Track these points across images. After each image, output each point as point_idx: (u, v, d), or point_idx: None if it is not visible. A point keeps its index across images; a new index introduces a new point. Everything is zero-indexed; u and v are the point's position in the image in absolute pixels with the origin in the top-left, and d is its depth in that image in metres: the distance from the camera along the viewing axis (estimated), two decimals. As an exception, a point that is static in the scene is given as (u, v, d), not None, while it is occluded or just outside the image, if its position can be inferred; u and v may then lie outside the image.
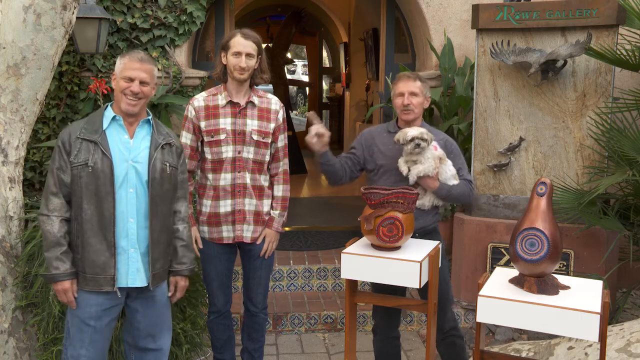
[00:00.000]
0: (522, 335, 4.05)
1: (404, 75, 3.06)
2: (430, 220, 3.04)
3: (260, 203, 3.12)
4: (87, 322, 2.56)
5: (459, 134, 4.58)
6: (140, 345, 2.74)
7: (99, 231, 2.52)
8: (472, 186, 3.07)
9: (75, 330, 2.58)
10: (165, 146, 2.65)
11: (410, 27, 5.23)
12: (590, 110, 3.97)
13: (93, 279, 2.53)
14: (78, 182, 2.51)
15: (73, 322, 2.59)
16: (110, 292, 2.56)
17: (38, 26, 3.30)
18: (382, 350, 3.19)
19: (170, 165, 2.65)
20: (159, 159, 2.61)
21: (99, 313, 2.57)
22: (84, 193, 2.51)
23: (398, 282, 2.57)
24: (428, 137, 2.87)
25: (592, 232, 3.96)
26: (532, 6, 4.00)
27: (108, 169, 2.51)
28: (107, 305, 2.58)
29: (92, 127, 2.56)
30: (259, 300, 3.24)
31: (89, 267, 2.53)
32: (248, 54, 2.96)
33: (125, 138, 2.59)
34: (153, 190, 2.58)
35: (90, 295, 2.55)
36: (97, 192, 2.51)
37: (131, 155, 2.58)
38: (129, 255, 2.58)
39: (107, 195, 2.51)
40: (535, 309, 2.13)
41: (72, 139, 2.53)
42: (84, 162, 2.50)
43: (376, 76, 7.02)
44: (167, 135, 2.69)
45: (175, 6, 4.61)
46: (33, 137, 4.33)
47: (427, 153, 2.90)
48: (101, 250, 2.52)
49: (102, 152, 2.52)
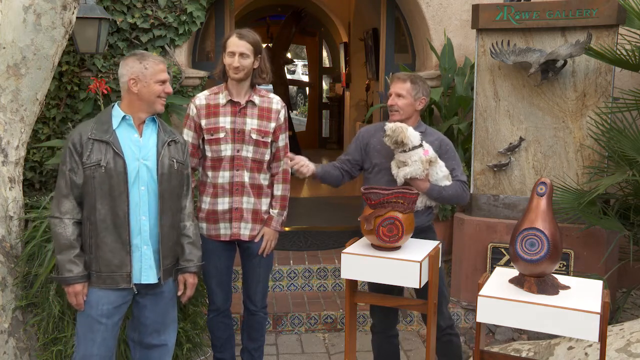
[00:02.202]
0: (522, 335, 4.05)
1: (396, 76, 3.12)
2: (424, 219, 3.06)
3: (259, 202, 3.13)
4: (99, 320, 2.58)
5: (459, 134, 4.58)
6: (145, 342, 2.77)
7: (113, 230, 2.55)
8: (465, 187, 3.07)
9: (85, 330, 2.60)
10: (171, 143, 2.70)
11: (410, 27, 5.23)
12: (590, 110, 3.97)
13: (110, 277, 2.57)
14: (91, 183, 2.53)
15: (83, 322, 2.61)
16: (126, 289, 2.60)
17: (38, 26, 3.30)
18: (380, 349, 3.20)
19: (177, 161, 2.70)
20: (167, 155, 2.65)
21: (111, 311, 2.60)
22: (97, 193, 2.53)
23: (398, 282, 2.57)
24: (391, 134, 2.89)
25: (592, 232, 3.96)
26: (532, 6, 4.00)
27: (121, 168, 2.55)
28: (119, 302, 2.62)
29: (102, 127, 2.59)
30: (258, 298, 3.24)
31: (104, 266, 2.56)
32: (242, 53, 2.99)
33: (135, 137, 2.63)
34: (162, 186, 2.63)
35: (103, 292, 2.58)
36: (111, 192, 2.54)
37: (141, 153, 2.62)
38: (142, 252, 2.62)
39: (120, 195, 2.55)
40: (535, 309, 2.13)
41: (84, 140, 2.55)
42: (96, 163, 2.53)
43: (376, 76, 7.01)
44: (172, 132, 2.75)
45: (175, 6, 4.61)
46: (33, 137, 4.32)
47: (415, 156, 2.91)
48: (117, 248, 2.56)
49: (115, 152, 2.55)
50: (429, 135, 3.07)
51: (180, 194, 2.74)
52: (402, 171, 2.93)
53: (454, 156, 3.10)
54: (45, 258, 3.15)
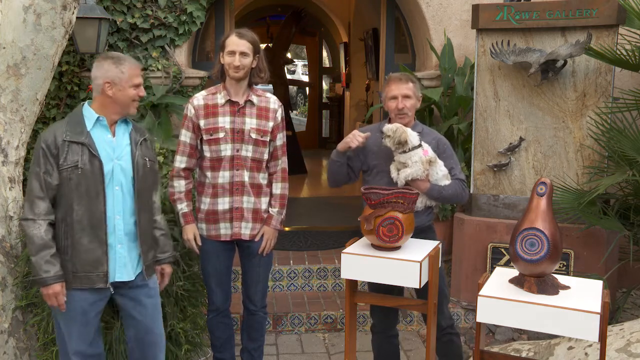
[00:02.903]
0: (522, 335, 4.05)
1: (395, 78, 3.07)
2: (424, 219, 3.05)
3: (259, 201, 3.13)
4: (73, 318, 2.61)
5: (459, 134, 4.58)
6: (140, 338, 2.79)
7: (90, 230, 2.57)
8: (464, 185, 3.07)
9: (62, 325, 2.66)
10: (143, 142, 2.73)
11: (410, 27, 5.23)
12: (590, 110, 3.97)
13: (86, 277, 2.59)
14: (67, 184, 2.55)
15: (59, 318, 2.66)
16: (102, 289, 2.63)
17: (38, 26, 3.30)
18: (380, 349, 3.20)
19: (149, 160, 2.74)
20: (140, 154, 2.69)
21: (85, 308, 2.62)
22: (74, 194, 2.55)
23: (398, 282, 2.57)
24: (393, 135, 2.89)
25: (592, 232, 3.96)
26: (532, 6, 3.99)
27: (98, 169, 2.57)
28: (92, 299, 2.64)
29: (75, 128, 2.59)
30: (257, 298, 3.25)
31: (80, 266, 2.58)
32: (242, 52, 2.99)
33: (109, 137, 2.66)
34: (138, 185, 2.67)
35: (77, 292, 2.60)
36: (88, 192, 2.56)
37: (115, 153, 2.64)
38: (116, 251, 2.64)
39: (97, 195, 2.57)
40: (535, 309, 2.13)
41: (59, 142, 2.55)
42: (73, 165, 2.54)
43: (376, 76, 7.01)
44: (142, 131, 2.79)
45: (175, 6, 4.61)
46: (33, 137, 4.32)
47: (415, 156, 2.91)
48: (92, 248, 2.58)
49: (91, 153, 2.57)
50: (427, 135, 3.07)
51: (153, 191, 2.79)
52: (403, 173, 2.93)
53: (452, 155, 3.10)
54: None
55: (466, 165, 4.41)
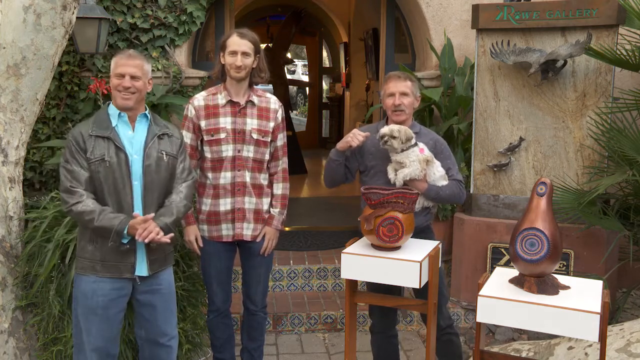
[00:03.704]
0: (522, 335, 4.05)
1: (394, 75, 3.07)
2: (422, 220, 3.05)
3: (260, 201, 3.13)
4: (94, 312, 2.62)
5: (459, 134, 4.58)
6: (152, 338, 2.79)
7: None
8: (461, 186, 3.06)
9: (81, 320, 2.65)
10: (163, 136, 2.72)
11: (410, 27, 5.23)
12: (590, 110, 3.97)
13: (114, 266, 2.62)
14: (97, 177, 2.59)
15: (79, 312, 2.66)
16: (124, 280, 2.64)
17: (38, 26, 3.30)
18: (380, 349, 3.20)
19: (167, 154, 2.71)
20: (155, 147, 2.68)
21: (106, 303, 2.64)
22: (104, 187, 2.60)
23: (398, 282, 2.57)
24: (399, 135, 2.87)
25: (592, 232, 3.96)
26: (532, 6, 4.00)
27: (124, 162, 2.61)
28: (114, 295, 2.64)
29: (102, 124, 2.65)
30: (258, 298, 3.25)
31: (109, 255, 2.60)
32: (244, 52, 2.99)
33: (130, 133, 2.68)
34: (146, 178, 2.66)
35: (98, 285, 2.61)
36: (116, 185, 2.60)
37: (134, 149, 2.67)
38: (137, 245, 2.64)
39: (124, 187, 2.61)
40: (535, 309, 2.13)
41: (85, 137, 2.61)
42: (100, 157, 2.59)
43: (376, 76, 7.01)
44: (165, 126, 2.77)
45: (175, 6, 4.61)
46: (33, 137, 4.32)
47: (412, 156, 2.90)
48: None
49: (116, 146, 2.61)
50: (424, 135, 3.07)
51: (170, 187, 2.75)
52: (401, 173, 2.93)
53: (449, 155, 3.10)
54: (45, 258, 3.15)
55: (466, 165, 4.41)
